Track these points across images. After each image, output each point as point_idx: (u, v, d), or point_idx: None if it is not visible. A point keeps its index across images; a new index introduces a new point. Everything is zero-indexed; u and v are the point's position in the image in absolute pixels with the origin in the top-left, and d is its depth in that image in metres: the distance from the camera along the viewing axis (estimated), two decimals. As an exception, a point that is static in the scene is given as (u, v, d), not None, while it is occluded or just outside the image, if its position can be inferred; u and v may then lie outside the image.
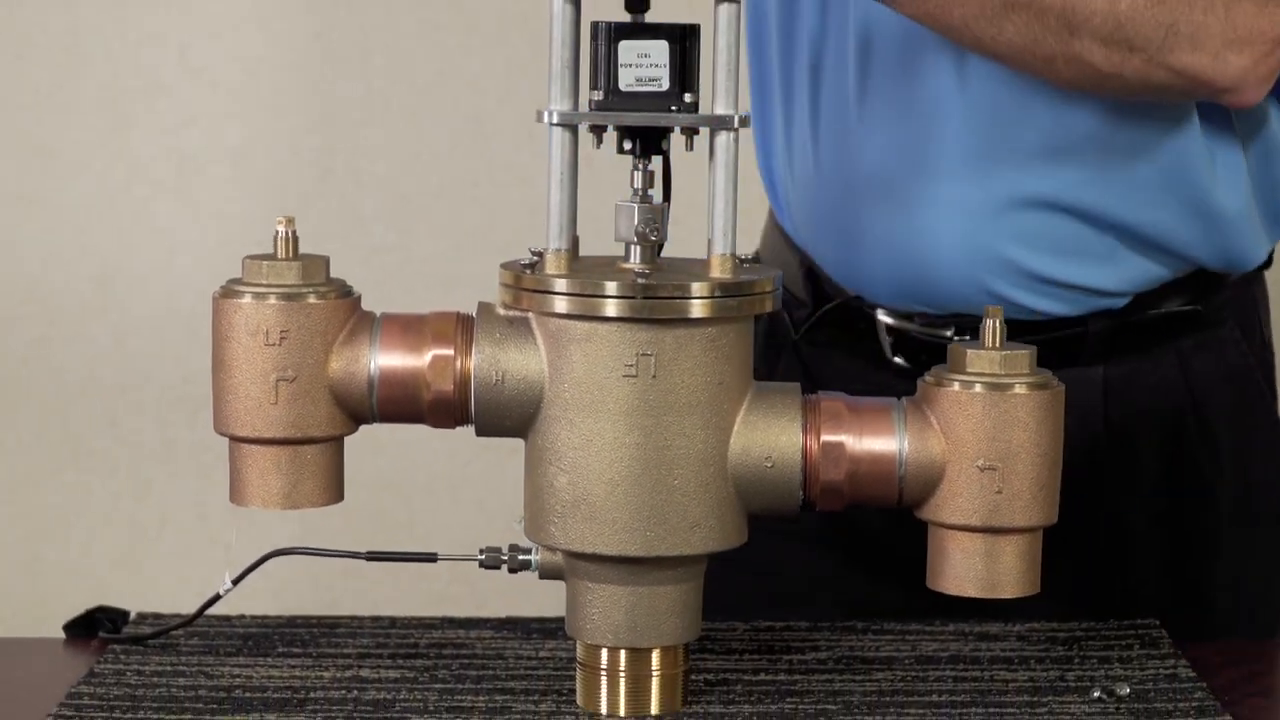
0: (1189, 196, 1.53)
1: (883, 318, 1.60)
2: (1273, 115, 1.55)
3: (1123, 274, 1.56)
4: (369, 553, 1.47)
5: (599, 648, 1.32)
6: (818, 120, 1.59)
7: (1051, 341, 1.48)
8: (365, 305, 1.34)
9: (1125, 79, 1.42)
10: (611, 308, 1.26)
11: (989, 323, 1.30)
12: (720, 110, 1.28)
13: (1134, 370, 1.58)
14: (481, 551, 1.38)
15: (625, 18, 1.29)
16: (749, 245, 1.49)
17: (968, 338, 1.34)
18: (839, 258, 1.62)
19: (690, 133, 1.29)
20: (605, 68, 1.27)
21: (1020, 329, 1.33)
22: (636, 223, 1.30)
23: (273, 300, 1.29)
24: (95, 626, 1.49)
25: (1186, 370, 1.60)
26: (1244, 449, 1.62)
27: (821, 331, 1.65)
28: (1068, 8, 1.39)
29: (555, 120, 1.28)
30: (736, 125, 1.27)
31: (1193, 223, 1.54)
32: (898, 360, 1.60)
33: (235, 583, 1.43)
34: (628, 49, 1.27)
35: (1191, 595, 1.61)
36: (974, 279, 1.54)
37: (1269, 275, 1.67)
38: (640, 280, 1.27)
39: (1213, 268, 1.58)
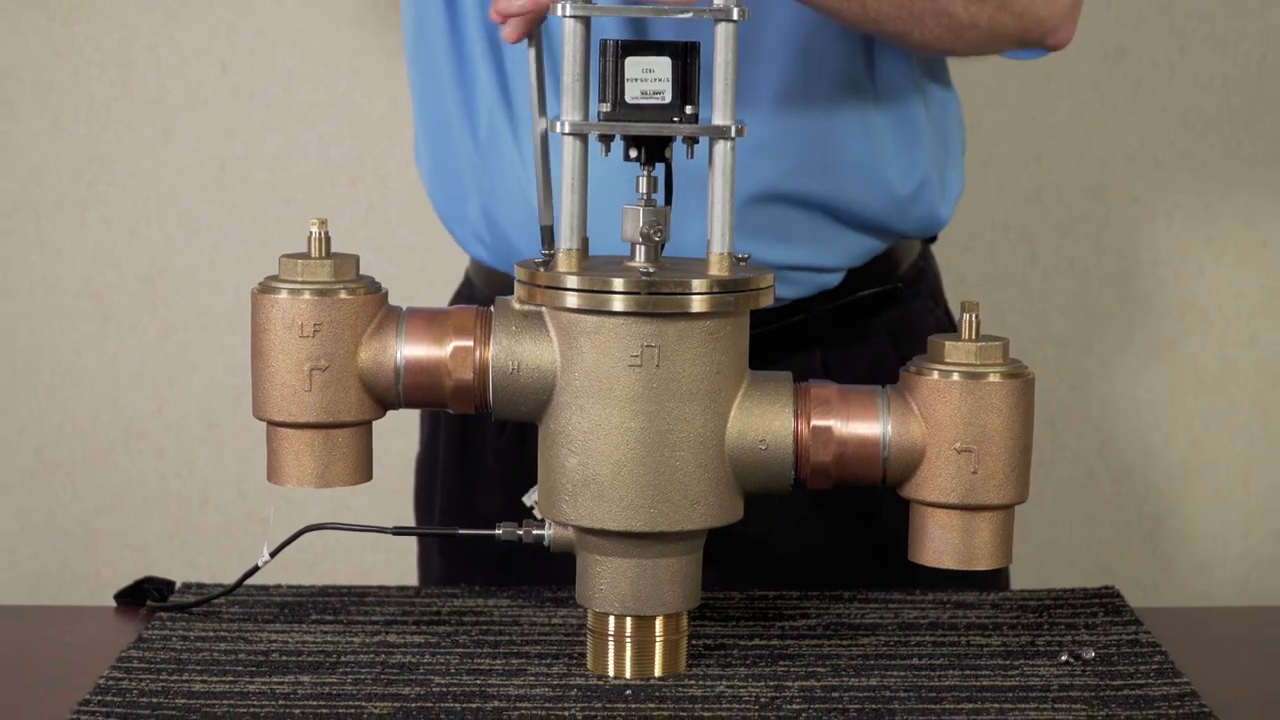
0: (878, 175, 1.53)
1: None
2: (950, 96, 1.59)
3: (837, 251, 1.56)
4: (395, 528, 1.46)
5: (607, 615, 1.32)
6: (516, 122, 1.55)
7: (774, 333, 1.46)
8: (390, 301, 1.33)
9: (980, 28, 1.44)
10: (618, 303, 1.25)
11: (966, 316, 1.29)
12: (718, 121, 1.27)
13: (848, 351, 1.57)
14: (498, 526, 1.37)
15: (631, 36, 1.28)
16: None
17: None
18: None
19: (691, 142, 1.28)
20: (613, 82, 1.26)
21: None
22: (641, 224, 1.29)
23: (307, 296, 1.28)
24: (143, 596, 1.48)
25: (896, 343, 1.60)
26: None
27: None
28: None
29: (567, 130, 1.27)
30: (734, 135, 1.26)
31: (884, 197, 1.54)
32: None
33: (273, 555, 1.42)
34: (633, 64, 1.26)
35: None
36: None
37: (935, 249, 1.71)
38: (645, 278, 1.26)
39: (909, 235, 1.59)
